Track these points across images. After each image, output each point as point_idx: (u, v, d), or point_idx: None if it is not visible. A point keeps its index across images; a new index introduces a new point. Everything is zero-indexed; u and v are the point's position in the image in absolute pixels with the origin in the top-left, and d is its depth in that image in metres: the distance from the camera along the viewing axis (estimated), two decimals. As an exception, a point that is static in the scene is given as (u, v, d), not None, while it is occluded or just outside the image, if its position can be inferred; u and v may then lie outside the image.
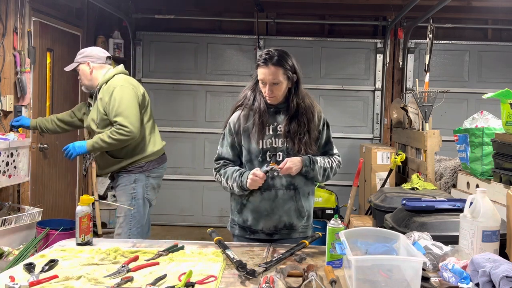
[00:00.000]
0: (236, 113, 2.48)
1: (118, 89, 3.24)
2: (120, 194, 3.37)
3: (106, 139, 3.19)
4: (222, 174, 2.44)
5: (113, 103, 3.20)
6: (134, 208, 3.29)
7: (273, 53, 2.34)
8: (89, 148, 3.26)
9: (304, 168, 2.35)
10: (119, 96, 3.21)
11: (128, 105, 3.21)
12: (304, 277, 1.83)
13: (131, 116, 3.19)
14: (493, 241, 1.96)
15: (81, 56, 3.38)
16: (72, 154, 3.26)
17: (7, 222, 3.78)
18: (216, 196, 6.12)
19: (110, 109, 3.22)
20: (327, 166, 2.44)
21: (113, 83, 3.29)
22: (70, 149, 3.26)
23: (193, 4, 6.13)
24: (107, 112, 3.24)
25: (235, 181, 2.37)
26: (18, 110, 4.34)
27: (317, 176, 2.42)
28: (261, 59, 2.34)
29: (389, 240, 1.92)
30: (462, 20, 6.07)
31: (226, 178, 2.41)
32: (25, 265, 1.95)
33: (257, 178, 2.28)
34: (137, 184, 3.32)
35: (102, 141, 3.21)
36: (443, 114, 5.80)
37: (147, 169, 3.36)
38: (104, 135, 3.21)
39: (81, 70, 3.37)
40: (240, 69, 6.15)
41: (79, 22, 5.44)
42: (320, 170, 2.40)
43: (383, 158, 4.74)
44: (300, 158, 2.34)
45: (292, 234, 2.46)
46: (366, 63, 6.18)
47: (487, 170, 3.22)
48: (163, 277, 1.85)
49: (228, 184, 2.40)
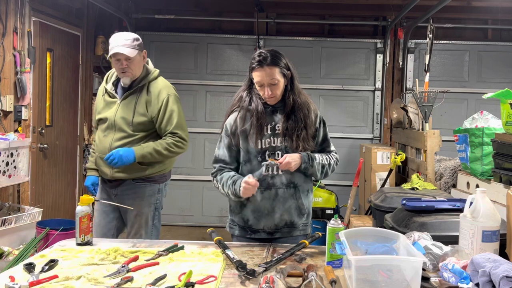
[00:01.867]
0: (232, 115, 2.48)
1: (174, 98, 3.00)
2: (143, 205, 3.02)
3: (163, 151, 2.93)
4: (219, 180, 2.44)
5: (170, 113, 2.95)
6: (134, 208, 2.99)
7: (265, 54, 2.35)
8: (138, 158, 2.91)
9: (303, 165, 2.36)
10: (176, 106, 2.99)
11: (183, 117, 3.04)
12: (304, 277, 1.83)
13: (186, 129, 3.04)
14: (493, 241, 1.96)
15: (138, 43, 2.98)
16: (116, 163, 2.88)
17: (7, 222, 3.78)
18: (216, 196, 6.12)
19: (165, 118, 2.95)
20: (325, 163, 2.45)
21: (163, 86, 3.03)
22: (115, 158, 2.87)
23: (193, 4, 6.13)
24: (156, 119, 2.96)
25: (229, 188, 2.37)
26: (18, 110, 4.34)
27: (316, 173, 2.43)
28: (254, 61, 2.35)
29: (389, 240, 1.92)
30: (462, 20, 6.07)
31: (222, 185, 2.42)
32: (25, 265, 1.95)
33: (250, 186, 2.27)
34: (161, 194, 3.10)
35: (158, 152, 2.93)
36: (443, 114, 5.81)
37: (168, 177, 3.16)
38: (159, 147, 2.93)
39: (136, 59, 2.95)
40: (240, 69, 6.15)
41: (79, 22, 5.44)
42: (318, 167, 2.41)
43: (383, 158, 4.74)
44: (299, 155, 2.36)
45: (292, 232, 2.46)
46: (366, 63, 6.18)
47: (487, 170, 3.22)
48: (163, 277, 1.85)
49: (225, 191, 2.41)
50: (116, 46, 2.90)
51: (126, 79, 2.96)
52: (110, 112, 3.00)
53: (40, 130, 4.66)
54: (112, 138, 2.97)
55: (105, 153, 2.94)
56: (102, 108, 3.05)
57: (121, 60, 2.90)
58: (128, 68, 2.92)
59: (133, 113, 2.96)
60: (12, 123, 4.31)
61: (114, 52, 2.89)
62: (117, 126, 2.98)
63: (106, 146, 2.99)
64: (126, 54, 2.88)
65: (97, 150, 3.06)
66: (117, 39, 2.94)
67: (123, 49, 2.88)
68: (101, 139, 3.03)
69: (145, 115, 2.96)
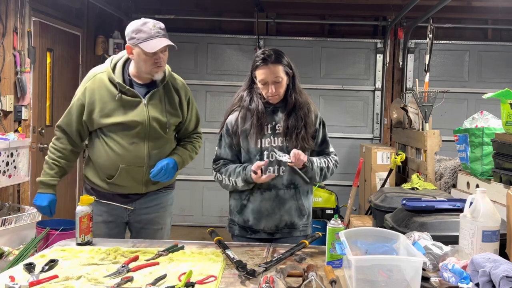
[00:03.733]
0: (233, 114, 2.48)
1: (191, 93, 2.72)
2: (165, 215, 2.73)
3: (193, 156, 2.71)
4: (224, 172, 2.43)
5: (196, 111, 2.71)
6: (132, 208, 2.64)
7: (269, 52, 2.36)
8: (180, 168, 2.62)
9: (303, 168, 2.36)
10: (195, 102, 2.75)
11: None
12: (304, 277, 1.83)
13: None
14: (493, 241, 1.96)
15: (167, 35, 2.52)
16: (168, 177, 2.54)
17: (7, 222, 3.77)
18: (216, 196, 6.12)
19: (193, 117, 2.70)
20: (324, 166, 2.45)
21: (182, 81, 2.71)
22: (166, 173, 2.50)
23: (193, 4, 6.14)
24: (185, 118, 2.67)
25: (239, 175, 2.36)
26: (18, 110, 4.33)
27: (315, 176, 2.42)
28: (258, 59, 2.35)
29: (389, 240, 1.92)
30: (462, 20, 6.08)
31: (228, 175, 2.41)
32: (25, 265, 1.95)
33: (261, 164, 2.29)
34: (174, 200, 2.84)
35: (191, 158, 2.69)
36: (443, 114, 5.80)
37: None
38: (192, 151, 2.70)
39: (167, 53, 2.54)
40: (240, 69, 6.15)
41: (79, 22, 5.44)
42: (317, 170, 2.41)
43: (383, 158, 4.74)
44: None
45: (293, 232, 2.46)
46: (366, 63, 6.18)
47: (487, 170, 3.22)
48: (163, 277, 1.85)
49: (231, 180, 2.40)
50: (156, 38, 2.41)
51: (160, 74, 2.51)
52: (136, 115, 2.50)
53: (40, 130, 4.66)
54: (146, 145, 2.52)
55: (138, 165, 2.52)
56: (115, 110, 2.50)
57: (157, 53, 2.43)
58: (162, 62, 2.48)
59: (165, 114, 2.55)
60: (12, 123, 4.31)
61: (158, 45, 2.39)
62: (151, 130, 2.52)
63: (141, 156, 2.52)
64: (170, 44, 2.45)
65: (123, 161, 2.52)
66: (148, 28, 2.41)
67: (165, 41, 2.44)
68: (127, 148, 2.51)
69: (177, 115, 2.60)
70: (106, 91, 2.51)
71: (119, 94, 2.49)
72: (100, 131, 2.56)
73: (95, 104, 2.52)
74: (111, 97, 2.50)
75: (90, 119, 2.54)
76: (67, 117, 2.62)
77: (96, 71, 2.58)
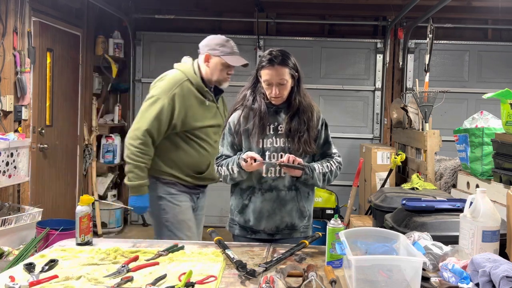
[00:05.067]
0: (235, 113, 2.47)
1: None
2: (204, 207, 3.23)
3: None
4: (224, 164, 2.42)
5: None
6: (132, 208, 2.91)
7: (276, 53, 2.34)
8: None
9: (304, 176, 2.33)
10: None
11: None
12: (304, 277, 1.83)
13: None
14: (493, 241, 1.96)
15: None
16: None
17: (7, 222, 3.78)
18: (216, 196, 6.09)
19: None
20: (326, 171, 2.41)
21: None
22: None
23: (193, 4, 6.13)
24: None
25: (234, 161, 2.36)
26: (18, 110, 4.34)
27: (317, 183, 2.40)
28: (265, 60, 2.33)
29: (389, 240, 1.92)
30: (462, 20, 6.08)
31: (227, 165, 2.40)
32: (25, 265, 1.95)
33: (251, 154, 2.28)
34: None
35: None
36: (443, 114, 5.80)
37: None
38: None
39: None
40: (240, 69, 6.03)
41: (79, 22, 5.44)
42: (319, 176, 2.38)
43: (383, 158, 4.74)
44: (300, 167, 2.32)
45: (293, 234, 2.46)
46: (366, 63, 6.18)
47: (487, 170, 3.22)
48: (163, 277, 1.85)
49: (229, 168, 2.38)
50: (236, 55, 2.93)
51: (227, 83, 3.02)
52: (218, 118, 2.98)
53: (40, 130, 4.66)
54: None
55: None
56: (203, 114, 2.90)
57: (231, 67, 2.93)
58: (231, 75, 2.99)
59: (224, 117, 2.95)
60: (12, 123, 4.31)
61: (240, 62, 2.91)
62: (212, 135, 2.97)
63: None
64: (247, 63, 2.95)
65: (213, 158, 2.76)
66: (231, 45, 2.93)
67: (243, 60, 2.93)
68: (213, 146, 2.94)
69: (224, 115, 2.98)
70: (194, 97, 2.86)
71: (205, 99, 2.89)
72: (189, 133, 2.87)
73: (187, 109, 2.83)
74: (199, 102, 2.87)
75: (183, 122, 2.83)
76: (157, 121, 2.80)
77: (180, 77, 2.87)
